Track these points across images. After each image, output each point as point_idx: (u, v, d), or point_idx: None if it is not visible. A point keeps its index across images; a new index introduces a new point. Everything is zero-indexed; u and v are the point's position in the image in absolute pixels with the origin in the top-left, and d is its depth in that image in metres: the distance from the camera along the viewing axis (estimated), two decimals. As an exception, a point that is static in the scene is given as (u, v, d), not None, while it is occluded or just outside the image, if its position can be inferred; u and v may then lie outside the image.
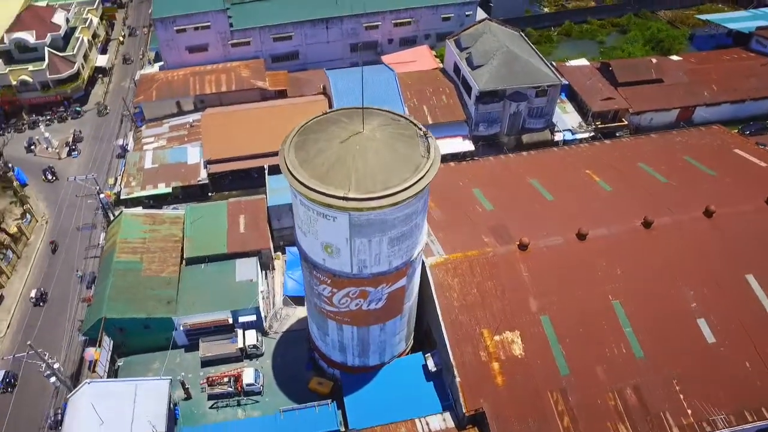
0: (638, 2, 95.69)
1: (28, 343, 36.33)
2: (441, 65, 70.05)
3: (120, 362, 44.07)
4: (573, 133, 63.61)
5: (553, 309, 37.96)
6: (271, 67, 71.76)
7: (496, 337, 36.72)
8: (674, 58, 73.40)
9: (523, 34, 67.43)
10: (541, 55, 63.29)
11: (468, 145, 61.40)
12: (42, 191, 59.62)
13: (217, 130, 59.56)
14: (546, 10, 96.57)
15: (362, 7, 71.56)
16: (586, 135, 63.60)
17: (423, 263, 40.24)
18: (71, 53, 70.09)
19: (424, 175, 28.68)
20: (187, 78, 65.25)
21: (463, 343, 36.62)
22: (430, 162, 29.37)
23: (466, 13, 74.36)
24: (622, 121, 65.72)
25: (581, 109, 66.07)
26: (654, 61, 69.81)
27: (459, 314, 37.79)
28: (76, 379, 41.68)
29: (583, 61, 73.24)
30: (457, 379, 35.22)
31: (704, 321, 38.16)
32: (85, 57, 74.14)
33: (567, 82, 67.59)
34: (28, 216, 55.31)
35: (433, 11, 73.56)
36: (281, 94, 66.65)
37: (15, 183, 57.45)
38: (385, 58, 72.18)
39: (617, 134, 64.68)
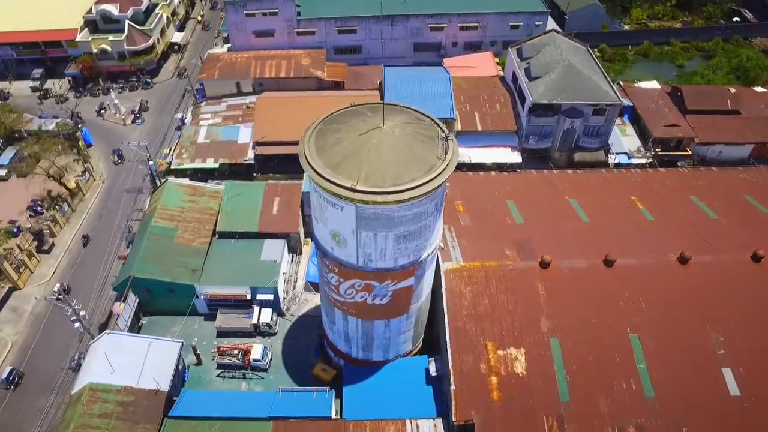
0: (731, 27, 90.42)
1: (56, 287, 39.55)
2: (502, 73, 69.34)
3: (144, 320, 47.13)
4: (629, 157, 61.19)
5: (565, 332, 37.04)
6: (333, 58, 73.69)
7: (500, 352, 36.32)
8: (758, 89, 68.87)
9: (590, 50, 65.54)
10: (604, 73, 61.36)
11: (515, 157, 60.49)
12: (104, 153, 64.36)
13: (269, 114, 61.93)
14: (626, 27, 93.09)
15: (429, 8, 72.05)
16: (643, 161, 61.00)
17: (439, 267, 40.57)
18: (149, 28, 75.12)
19: (434, 177, 28.86)
20: (249, 61, 68.30)
21: (465, 352, 36.47)
22: (444, 165, 29.50)
23: (536, 23, 73.12)
24: (686, 151, 62.50)
25: (642, 133, 63.41)
26: (732, 90, 65.80)
27: (466, 323, 37.66)
28: (103, 329, 44.78)
29: (653, 84, 70.24)
30: (452, 387, 35.18)
31: (730, 371, 35.99)
32: (162, 32, 79.20)
33: (631, 104, 65.38)
34: (87, 174, 59.96)
35: (502, 18, 72.88)
36: (338, 86, 68.33)
37: (81, 142, 62.44)
38: (446, 61, 72.29)
39: (678, 164, 61.61)
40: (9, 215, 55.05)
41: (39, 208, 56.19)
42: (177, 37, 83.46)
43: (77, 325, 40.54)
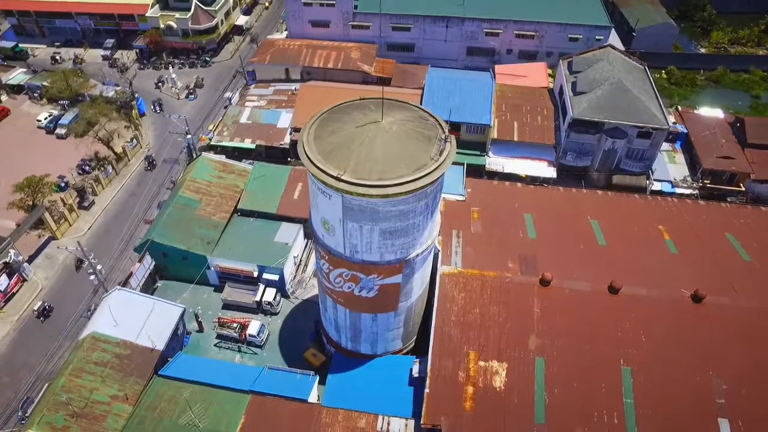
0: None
1: (77, 241, 42.95)
2: (551, 85, 67.96)
3: (159, 284, 50.16)
4: (673, 186, 58.43)
5: (553, 353, 36.30)
6: (385, 54, 74.79)
7: (482, 363, 36.10)
8: (836, 131, 63.63)
9: (647, 70, 62.95)
10: (657, 95, 58.85)
11: (550, 172, 59.21)
12: (154, 123, 68.70)
13: (310, 102, 63.73)
14: (703, 50, 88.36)
15: (486, 12, 71.65)
16: (687, 191, 58.08)
17: (436, 270, 40.78)
18: (214, 9, 79.18)
19: (421, 177, 29.24)
20: (300, 49, 70.63)
21: (446, 357, 36.54)
22: (435, 166, 29.82)
23: (597, 36, 70.99)
24: (739, 187, 58.89)
25: (693, 163, 60.35)
26: (803, 128, 61.27)
27: (452, 328, 37.71)
28: (123, 286, 47.95)
29: (717, 112, 66.43)
30: (426, 390, 35.38)
31: (727, 422, 34.07)
32: (228, 14, 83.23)
33: (685, 131, 62.37)
34: (134, 141, 64.26)
35: (561, 29, 71.32)
36: (383, 82, 69.31)
37: (134, 111, 66.94)
38: (498, 68, 71.60)
39: (728, 200, 58.14)
40: (60, 170, 60.02)
41: (87, 168, 60.99)
42: (242, 20, 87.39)
43: (93, 277, 43.89)
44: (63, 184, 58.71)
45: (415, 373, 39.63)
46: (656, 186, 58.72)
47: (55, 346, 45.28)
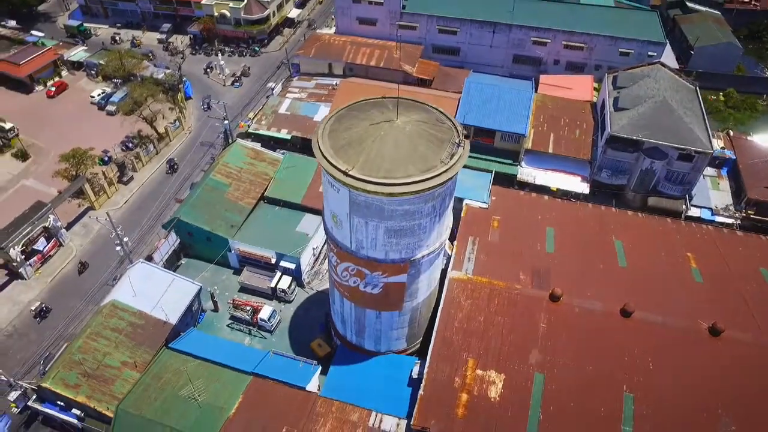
0: None
1: (106, 212, 45.43)
2: (596, 100, 66.57)
3: (183, 261, 52.42)
4: (713, 214, 56.22)
5: (553, 371, 35.88)
6: (429, 56, 75.13)
7: (479, 371, 36.10)
8: None
9: (698, 90, 60.74)
10: (705, 117, 56.75)
11: (583, 187, 58.09)
12: (198, 108, 71.45)
13: (348, 98, 64.16)
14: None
15: (535, 20, 70.84)
16: (728, 221, 55.74)
17: (445, 273, 41.00)
18: (267, 0, 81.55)
19: (427, 179, 29.58)
20: (345, 45, 71.92)
21: (444, 362, 36.74)
22: (443, 169, 30.09)
23: (650, 53, 68.91)
24: (786, 221, 56.05)
25: (738, 191, 57.85)
26: None
27: (454, 334, 37.86)
28: (149, 260, 50.42)
29: (774, 140, 63.35)
30: (420, 392, 35.69)
31: (731, 464, 32.84)
32: (280, 6, 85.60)
33: (734, 157, 59.88)
34: (177, 123, 67.16)
35: (611, 42, 69.65)
36: (423, 83, 69.79)
37: (180, 94, 69.93)
38: (543, 78, 70.72)
39: (772, 233, 55.42)
40: (105, 145, 63.46)
41: (130, 144, 64.28)
42: (294, 13, 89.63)
43: (119, 248, 46.38)
44: (107, 158, 62.11)
45: (415, 374, 39.92)
46: (694, 212, 56.63)
47: (79, 309, 48.14)
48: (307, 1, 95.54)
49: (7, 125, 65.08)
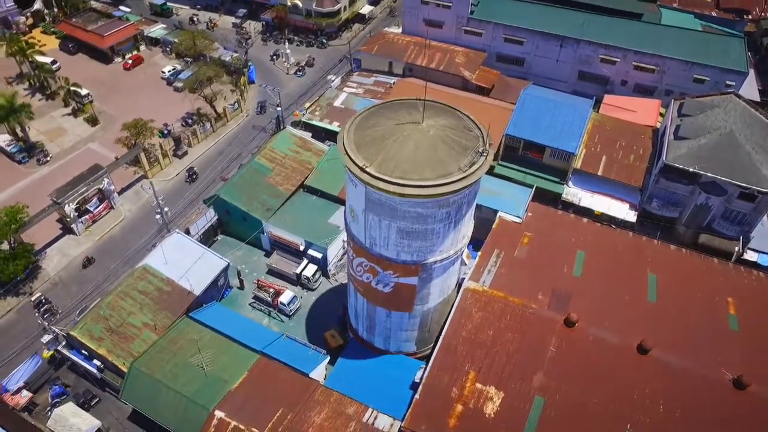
0: None
1: (150, 182, 48.38)
2: (659, 125, 63.84)
3: (219, 237, 55.06)
4: (771, 260, 52.71)
5: (555, 398, 35.17)
6: (493, 64, 74.51)
7: (479, 385, 35.94)
8: None
9: (773, 127, 56.98)
10: (775, 157, 53.20)
11: (630, 216, 55.91)
12: (259, 93, 74.37)
13: (401, 96, 65.64)
14: None
15: (606, 37, 68.72)
16: (788, 270, 52.02)
17: (461, 282, 40.98)
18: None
19: (441, 184, 29.84)
20: (408, 45, 72.66)
21: (445, 370, 36.82)
22: (460, 176, 30.25)
23: (728, 82, 65.19)
24: None
25: (805, 239, 53.86)
26: None
27: (460, 344, 37.86)
28: (186, 232, 53.16)
29: None
30: (416, 396, 35.94)
31: None
32: (353, 1, 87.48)
33: (805, 203, 55.71)
34: (236, 105, 70.29)
35: (686, 67, 66.46)
36: (482, 91, 69.42)
37: (243, 78, 73.09)
38: (607, 98, 68.53)
39: (837, 291, 51.24)
40: (167, 119, 67.43)
41: (189, 120, 67.98)
42: (366, 9, 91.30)
43: (158, 217, 49.41)
44: (166, 132, 66.00)
45: (417, 378, 40.15)
46: (751, 256, 53.27)
47: (116, 268, 51.76)
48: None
49: (83, 91, 70.49)
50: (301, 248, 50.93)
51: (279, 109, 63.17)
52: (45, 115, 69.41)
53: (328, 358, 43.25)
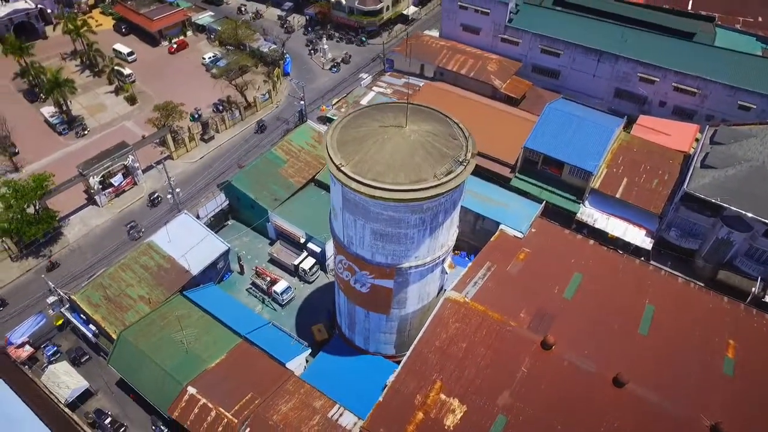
0: None
1: (163, 161, 50.53)
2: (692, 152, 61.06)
3: (229, 222, 57.05)
4: (793, 306, 49.52)
5: (519, 419, 34.61)
6: (528, 75, 73.29)
7: (443, 396, 35.79)
8: None
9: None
10: (811, 196, 49.94)
11: (646, 243, 53.90)
12: (290, 87, 76.09)
13: (426, 101, 65.44)
14: None
15: (647, 55, 66.24)
16: (810, 319, 48.75)
17: (443, 291, 40.88)
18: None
19: (412, 189, 30.02)
20: (441, 49, 72.52)
21: (412, 376, 36.85)
22: (432, 183, 30.34)
23: (775, 112, 61.68)
24: None
25: (835, 287, 50.36)
26: None
27: (431, 352, 37.77)
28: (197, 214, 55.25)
29: None
30: (380, 398, 36.17)
31: None
32: (396, 2, 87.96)
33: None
34: (267, 95, 72.23)
35: (730, 93, 63.20)
36: (510, 101, 68.46)
37: (278, 70, 75.02)
38: (642, 118, 66.11)
39: None
40: (200, 104, 70.28)
41: (220, 107, 70.48)
42: (410, 10, 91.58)
43: (170, 197, 51.71)
44: (197, 115, 68.73)
45: (389, 381, 40.39)
46: (769, 298, 50.35)
47: (124, 242, 54.85)
48: (427, 1, 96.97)
49: (127, 71, 74.39)
50: (302, 240, 52.04)
51: (302, 102, 64.57)
52: (90, 91, 73.76)
53: (309, 350, 44.16)
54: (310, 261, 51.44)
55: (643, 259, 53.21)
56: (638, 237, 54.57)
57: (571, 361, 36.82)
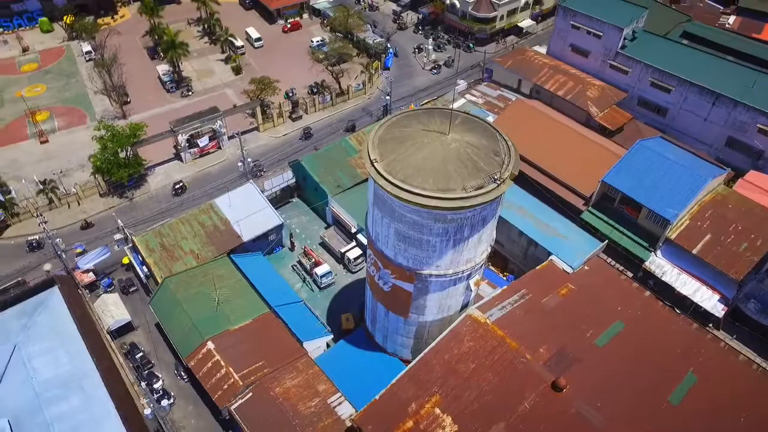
0: None
1: (237, 133, 54.14)
2: (802, 221, 54.69)
3: (294, 199, 59.94)
4: None
5: (509, 452, 33.58)
6: (632, 107, 69.33)
7: (437, 410, 35.62)
8: None
9: None
10: None
11: (717, 310, 49.38)
12: (389, 80, 77.67)
13: (512, 117, 64.15)
14: None
15: (769, 105, 60.19)
16: None
17: (465, 307, 40.49)
18: (499, 2, 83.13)
19: (439, 198, 30.09)
20: (542, 67, 70.60)
21: (412, 383, 36.99)
22: (460, 195, 30.26)
23: None
24: None
25: None
26: None
27: (439, 364, 37.65)
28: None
29: None
30: (376, 396, 36.71)
31: None
32: (512, 13, 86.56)
33: None
34: (361, 85, 74.50)
35: None
36: (604, 131, 65.29)
37: (377, 63, 77.05)
38: (751, 174, 60.27)
39: None
40: (296, 84, 74.16)
41: (314, 89, 73.83)
42: (526, 23, 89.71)
43: (240, 165, 55.43)
44: (291, 94, 72.56)
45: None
46: None
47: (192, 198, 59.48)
48: (548, 16, 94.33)
49: (239, 42, 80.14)
50: (353, 230, 53.51)
51: (388, 98, 66.00)
52: (203, 56, 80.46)
53: (331, 336, 45.60)
54: (357, 251, 52.80)
55: (711, 325, 49.36)
56: (710, 301, 50.13)
57: (580, 410, 35.03)
